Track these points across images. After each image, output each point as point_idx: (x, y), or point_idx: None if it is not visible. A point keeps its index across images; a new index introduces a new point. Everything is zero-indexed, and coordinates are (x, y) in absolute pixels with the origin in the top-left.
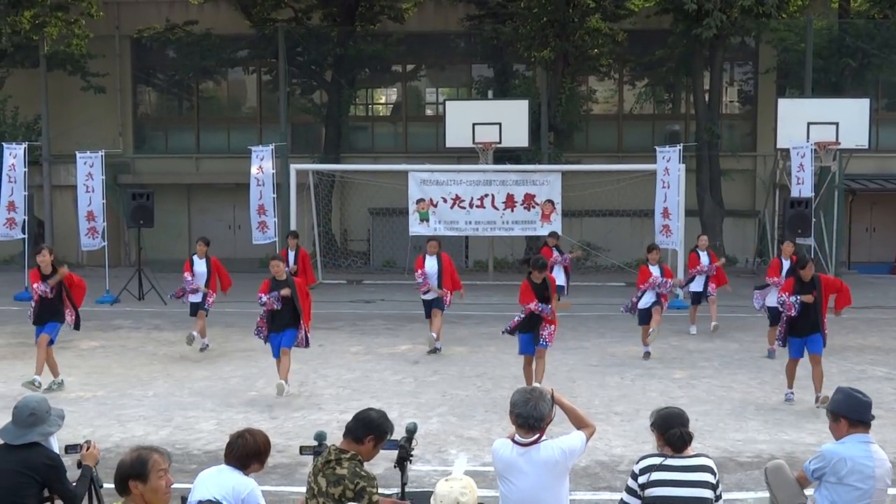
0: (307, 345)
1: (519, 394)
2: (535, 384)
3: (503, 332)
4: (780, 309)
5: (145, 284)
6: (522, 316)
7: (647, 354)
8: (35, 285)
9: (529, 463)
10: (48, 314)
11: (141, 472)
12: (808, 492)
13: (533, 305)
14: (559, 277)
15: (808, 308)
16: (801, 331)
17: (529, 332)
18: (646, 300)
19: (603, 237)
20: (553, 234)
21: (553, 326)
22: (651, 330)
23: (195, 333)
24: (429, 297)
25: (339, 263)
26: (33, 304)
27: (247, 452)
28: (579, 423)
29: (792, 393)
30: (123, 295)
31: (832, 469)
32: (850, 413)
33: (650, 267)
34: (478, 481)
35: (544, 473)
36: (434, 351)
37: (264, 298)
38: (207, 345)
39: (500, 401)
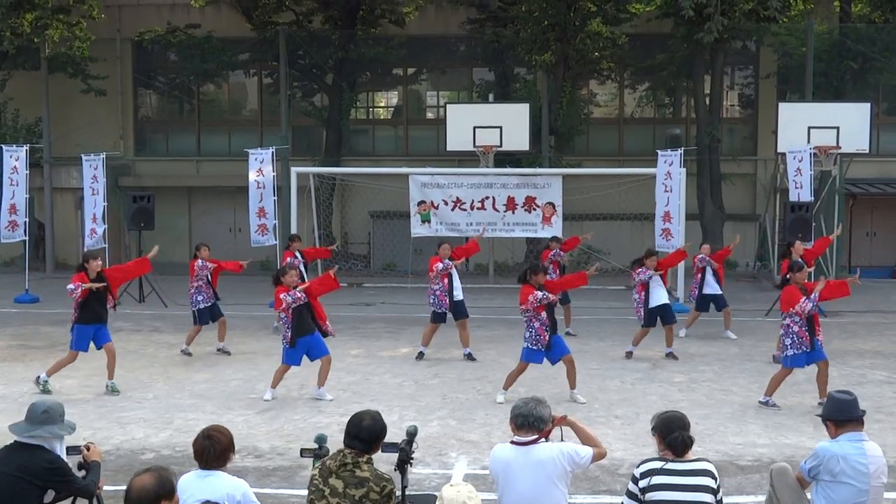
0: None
1: (521, 399)
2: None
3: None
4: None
5: (146, 287)
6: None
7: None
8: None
9: (527, 462)
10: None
11: (171, 490)
12: (809, 494)
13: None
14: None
15: None
16: None
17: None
18: (654, 298)
19: (603, 241)
20: (555, 238)
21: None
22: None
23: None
24: (457, 296)
25: (340, 266)
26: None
27: (223, 449)
28: (591, 443)
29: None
30: (124, 297)
31: (826, 467)
32: (834, 414)
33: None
34: (478, 485)
35: (541, 473)
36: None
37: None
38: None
39: (500, 404)
